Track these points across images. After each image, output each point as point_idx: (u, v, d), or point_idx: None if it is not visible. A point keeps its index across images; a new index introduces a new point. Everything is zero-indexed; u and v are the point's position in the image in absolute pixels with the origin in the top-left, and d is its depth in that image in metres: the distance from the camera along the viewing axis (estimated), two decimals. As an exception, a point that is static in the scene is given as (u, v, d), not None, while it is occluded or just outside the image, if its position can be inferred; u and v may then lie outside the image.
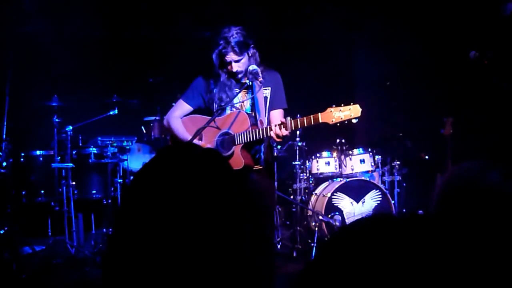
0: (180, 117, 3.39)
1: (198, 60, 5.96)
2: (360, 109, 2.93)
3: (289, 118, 3.00)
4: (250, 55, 3.22)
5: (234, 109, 3.26)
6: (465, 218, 1.20)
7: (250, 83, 3.18)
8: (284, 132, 2.97)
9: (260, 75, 3.20)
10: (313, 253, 4.97)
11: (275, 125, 2.99)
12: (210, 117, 3.27)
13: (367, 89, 7.05)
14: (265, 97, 3.26)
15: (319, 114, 2.93)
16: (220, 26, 3.22)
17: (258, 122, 3.18)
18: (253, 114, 3.23)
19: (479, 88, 4.74)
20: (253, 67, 3.16)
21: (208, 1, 6.41)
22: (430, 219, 0.69)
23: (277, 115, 3.27)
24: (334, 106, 2.95)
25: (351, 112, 2.93)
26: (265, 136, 3.05)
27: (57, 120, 5.05)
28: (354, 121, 2.97)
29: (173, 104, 5.82)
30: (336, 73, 7.00)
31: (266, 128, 3.04)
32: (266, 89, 3.28)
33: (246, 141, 3.08)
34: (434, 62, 5.87)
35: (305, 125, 2.94)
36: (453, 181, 1.26)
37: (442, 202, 1.27)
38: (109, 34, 6.65)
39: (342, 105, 2.96)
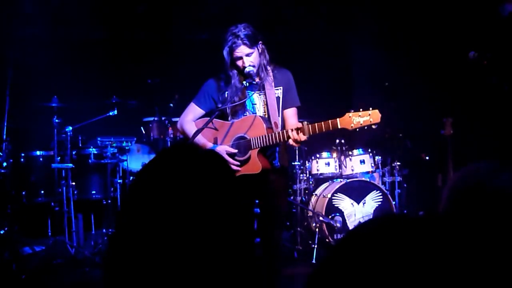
0: (193, 121, 3.37)
1: (195, 61, 6.01)
2: (380, 115, 2.85)
3: (305, 122, 2.94)
4: (260, 51, 3.18)
5: (248, 113, 3.24)
6: (475, 220, 1.19)
7: (247, 84, 3.14)
8: (302, 137, 2.92)
9: (257, 76, 3.19)
10: (314, 255, 4.96)
11: (292, 130, 2.94)
12: (222, 120, 3.28)
13: (366, 89, 7.05)
14: (277, 97, 3.23)
15: (338, 119, 2.87)
16: (217, 27, 3.20)
17: (273, 124, 3.16)
18: (266, 116, 3.22)
19: (479, 89, 4.75)
20: (249, 68, 3.14)
21: (205, 3, 6.42)
22: (441, 220, 0.69)
23: (291, 113, 3.25)
24: (352, 111, 2.87)
25: (371, 117, 2.85)
26: (281, 140, 3.02)
27: (57, 120, 5.04)
28: (373, 127, 2.88)
29: (170, 104, 5.92)
30: (334, 74, 7.00)
31: (282, 132, 3.01)
32: (277, 89, 3.25)
33: (262, 145, 3.07)
34: (434, 62, 5.87)
35: (323, 130, 2.87)
36: (463, 182, 1.26)
37: (451, 203, 1.26)
38: (108, 36, 6.66)
39: (361, 110, 2.89)
